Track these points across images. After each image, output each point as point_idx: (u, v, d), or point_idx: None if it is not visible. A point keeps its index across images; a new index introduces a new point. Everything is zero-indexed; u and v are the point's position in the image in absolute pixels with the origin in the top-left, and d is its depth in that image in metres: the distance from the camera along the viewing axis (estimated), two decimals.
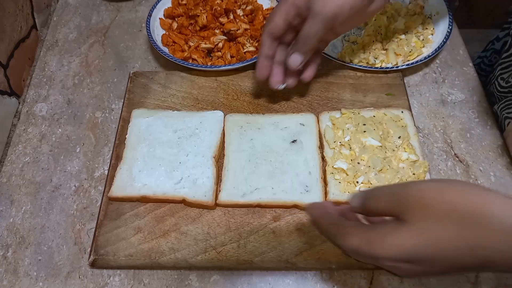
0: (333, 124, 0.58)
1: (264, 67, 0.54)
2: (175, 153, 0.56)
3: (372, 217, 0.40)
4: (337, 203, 0.49)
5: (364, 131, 0.56)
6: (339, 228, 0.37)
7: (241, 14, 0.71)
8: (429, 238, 0.30)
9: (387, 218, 0.35)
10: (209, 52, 0.69)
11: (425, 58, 0.64)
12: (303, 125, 0.58)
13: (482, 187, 0.32)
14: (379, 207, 0.35)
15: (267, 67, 0.54)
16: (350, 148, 0.55)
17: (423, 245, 0.30)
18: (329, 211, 0.40)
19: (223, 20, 0.69)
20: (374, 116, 0.58)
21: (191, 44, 0.68)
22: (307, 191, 0.52)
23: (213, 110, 0.60)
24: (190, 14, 0.69)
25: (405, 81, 0.65)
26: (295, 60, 0.51)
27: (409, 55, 0.66)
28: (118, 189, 0.53)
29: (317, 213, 0.41)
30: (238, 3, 0.72)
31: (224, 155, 0.56)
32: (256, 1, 0.74)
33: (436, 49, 0.65)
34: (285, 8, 0.49)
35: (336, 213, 0.40)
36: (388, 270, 0.35)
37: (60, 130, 0.63)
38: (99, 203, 0.55)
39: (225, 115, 0.60)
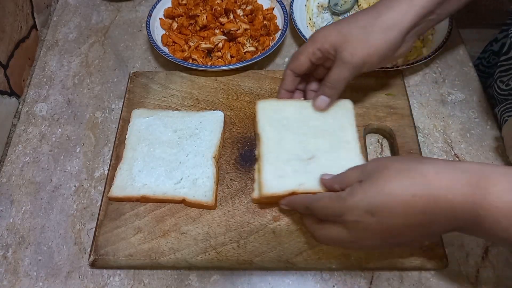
0: None
1: (285, 96, 0.57)
2: (175, 153, 0.56)
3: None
4: None
5: None
6: (313, 198, 0.44)
7: (241, 14, 0.71)
8: (384, 189, 0.38)
9: None
10: (209, 52, 0.69)
11: (425, 58, 0.64)
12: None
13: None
14: (349, 181, 0.42)
15: (287, 96, 0.57)
16: None
17: (381, 194, 0.38)
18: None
19: (223, 20, 0.69)
20: None
21: (191, 44, 0.68)
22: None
23: (213, 110, 0.60)
24: (190, 14, 0.69)
25: (405, 81, 0.65)
26: (323, 102, 0.54)
27: (409, 55, 0.66)
28: (118, 189, 0.53)
29: (293, 200, 0.48)
30: (238, 3, 0.72)
31: None
32: (256, 1, 0.74)
33: (436, 49, 0.65)
34: (312, 50, 0.51)
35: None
36: (353, 229, 0.40)
37: (60, 130, 0.63)
38: (99, 203, 0.55)
39: None
